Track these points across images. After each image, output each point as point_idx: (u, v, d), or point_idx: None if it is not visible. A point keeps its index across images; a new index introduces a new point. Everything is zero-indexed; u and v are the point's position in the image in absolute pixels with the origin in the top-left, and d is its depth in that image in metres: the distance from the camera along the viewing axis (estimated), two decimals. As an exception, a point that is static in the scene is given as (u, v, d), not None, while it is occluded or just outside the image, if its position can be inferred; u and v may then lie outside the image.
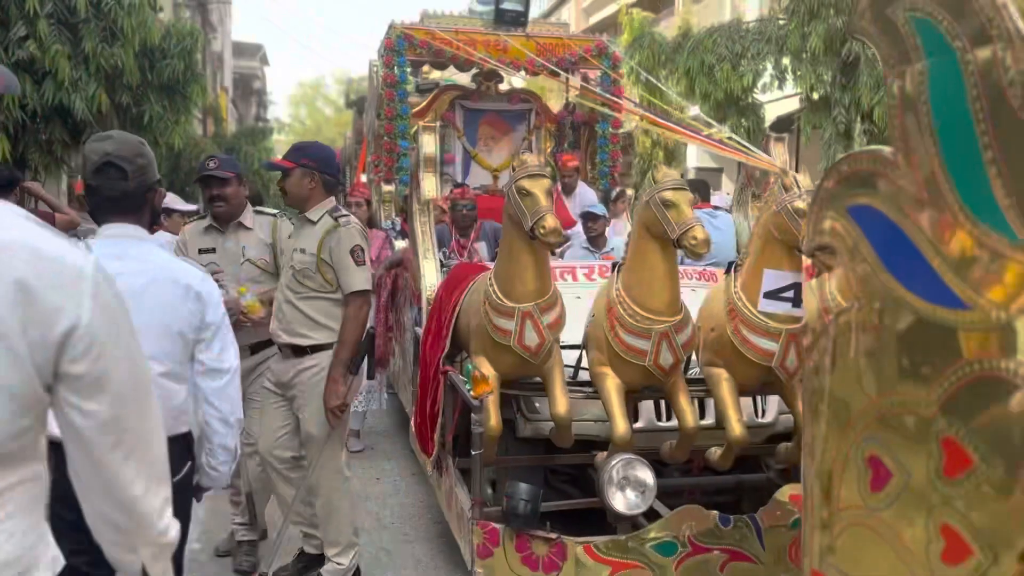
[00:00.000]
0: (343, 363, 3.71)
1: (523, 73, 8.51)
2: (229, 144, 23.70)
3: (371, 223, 6.51)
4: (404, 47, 7.60)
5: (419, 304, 5.14)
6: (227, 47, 32.23)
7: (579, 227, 6.90)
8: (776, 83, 11.52)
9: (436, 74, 11.58)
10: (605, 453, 3.77)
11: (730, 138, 6.67)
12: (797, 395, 3.77)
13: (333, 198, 3.89)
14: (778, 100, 12.45)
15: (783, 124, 12.16)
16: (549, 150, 8.56)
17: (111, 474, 1.34)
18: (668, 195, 3.45)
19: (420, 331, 4.96)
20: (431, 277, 5.11)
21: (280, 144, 42.18)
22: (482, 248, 6.12)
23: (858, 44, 10.86)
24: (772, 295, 3.62)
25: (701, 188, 5.89)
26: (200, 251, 4.17)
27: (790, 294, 3.62)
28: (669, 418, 4.19)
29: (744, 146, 6.04)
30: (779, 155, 5.83)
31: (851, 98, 11.05)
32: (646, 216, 3.52)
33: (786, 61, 11.51)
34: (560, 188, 7.67)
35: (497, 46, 7.70)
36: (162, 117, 9.38)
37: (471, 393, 3.46)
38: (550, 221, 3.33)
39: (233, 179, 4.10)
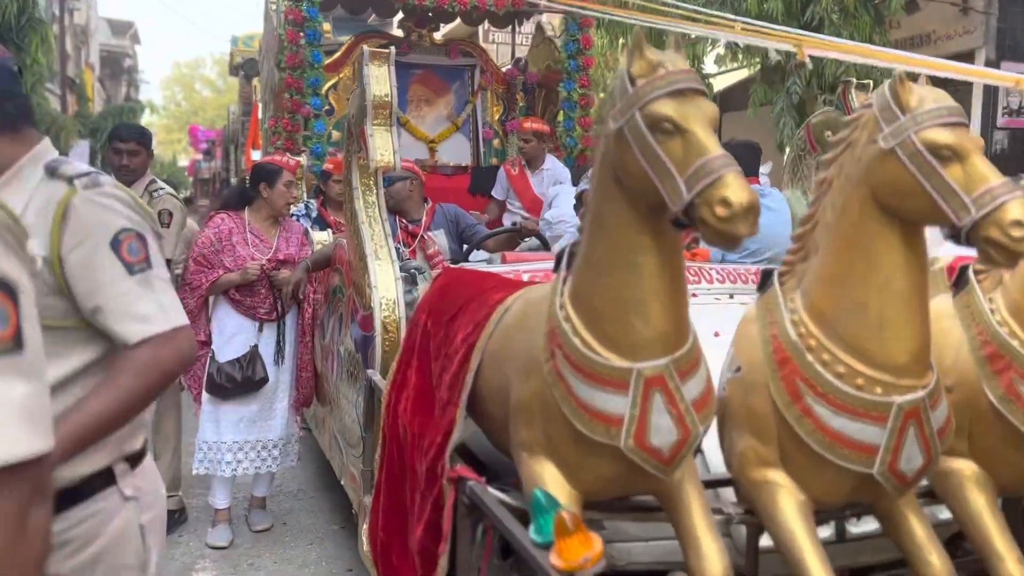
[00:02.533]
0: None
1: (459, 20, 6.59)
2: (94, 124, 20.80)
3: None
4: (315, -27, 5.57)
5: (368, 329, 3.18)
6: (93, 20, 28.70)
7: (559, 212, 5.07)
8: (731, 53, 9.95)
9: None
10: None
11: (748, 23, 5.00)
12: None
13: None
14: (724, 72, 10.91)
15: (731, 98, 10.64)
16: (497, 118, 6.68)
17: None
18: (944, 137, 1.65)
19: (376, 376, 3.02)
20: (387, 287, 3.16)
21: (153, 127, 38.54)
22: (439, 237, 4.20)
23: (822, 7, 9.43)
24: (1089, 329, 1.88)
25: (748, 154, 4.13)
26: None
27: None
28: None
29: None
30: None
31: (813, 67, 9.60)
32: (886, 175, 1.70)
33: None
34: (522, 161, 5.84)
35: (438, -24, 5.77)
36: (-14, 71, 6.99)
37: (552, 560, 1.56)
38: (738, 190, 1.47)
39: None
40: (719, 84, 10.72)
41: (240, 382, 4.06)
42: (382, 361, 3.04)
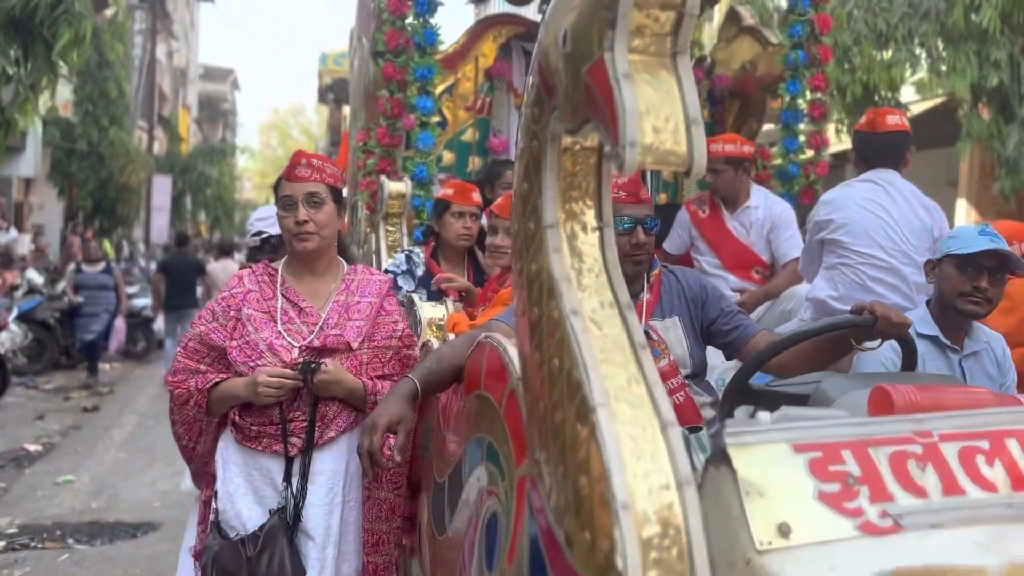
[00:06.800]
0: None
1: None
2: (184, 163, 19.72)
3: (344, 254, 2.43)
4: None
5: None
6: (192, 63, 28.13)
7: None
8: (934, 76, 7.67)
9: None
10: None
11: None
12: None
13: None
14: (915, 101, 8.62)
15: (931, 128, 8.28)
16: (672, 136, 4.59)
17: None
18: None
19: None
20: (660, 499, 1.05)
21: (249, 171, 37.87)
22: (673, 333, 2.10)
23: (1056, 16, 7.12)
24: None
25: None
26: None
27: None
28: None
29: None
30: None
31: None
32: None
33: (941, 43, 7.66)
34: (715, 198, 3.75)
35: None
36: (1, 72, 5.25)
37: None
38: None
39: None
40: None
41: None
42: None
